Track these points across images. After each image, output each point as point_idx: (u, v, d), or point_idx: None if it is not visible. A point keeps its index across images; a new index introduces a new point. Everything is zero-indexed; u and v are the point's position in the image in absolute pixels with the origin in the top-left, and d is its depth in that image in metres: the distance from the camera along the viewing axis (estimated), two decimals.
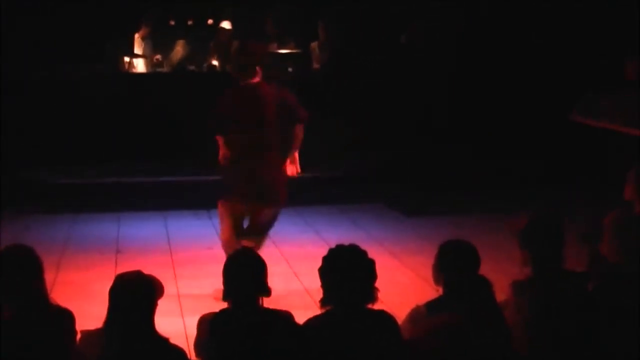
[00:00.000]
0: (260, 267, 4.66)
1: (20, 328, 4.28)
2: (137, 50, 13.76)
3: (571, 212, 7.94)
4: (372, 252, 4.61)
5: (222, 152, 7.49)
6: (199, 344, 4.64)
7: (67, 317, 4.47)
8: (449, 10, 11.71)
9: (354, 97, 11.94)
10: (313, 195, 10.94)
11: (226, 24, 13.84)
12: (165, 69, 13.86)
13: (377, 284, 4.53)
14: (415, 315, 4.70)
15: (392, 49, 12.25)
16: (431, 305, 4.69)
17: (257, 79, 7.34)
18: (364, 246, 4.59)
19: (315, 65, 13.54)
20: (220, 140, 7.52)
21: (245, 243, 7.08)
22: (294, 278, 7.88)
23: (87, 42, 12.47)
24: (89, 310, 4.98)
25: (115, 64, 13.12)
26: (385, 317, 4.52)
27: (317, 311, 4.57)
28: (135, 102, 11.99)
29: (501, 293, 4.94)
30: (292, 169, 7.59)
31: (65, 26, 12.36)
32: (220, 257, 6.68)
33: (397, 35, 12.34)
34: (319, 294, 4.55)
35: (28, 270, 4.41)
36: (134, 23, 13.48)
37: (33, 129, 11.39)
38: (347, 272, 4.43)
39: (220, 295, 4.61)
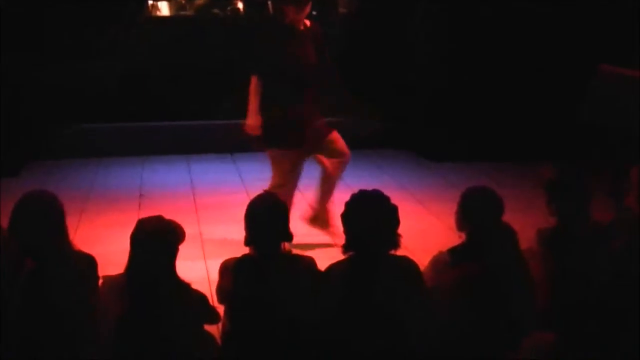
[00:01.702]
0: (282, 213, 4.64)
1: (43, 274, 4.28)
2: None
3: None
4: (397, 198, 4.58)
5: (257, 97, 7.02)
6: (221, 289, 4.62)
7: (89, 263, 4.48)
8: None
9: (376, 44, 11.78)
10: None
11: None
12: (188, 12, 13.79)
13: (401, 230, 4.50)
14: (438, 261, 4.67)
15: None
16: (454, 252, 4.67)
17: (303, 17, 6.98)
18: (388, 192, 4.55)
19: (342, 10, 13.41)
20: (257, 81, 7.04)
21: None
22: None
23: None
24: (112, 255, 4.96)
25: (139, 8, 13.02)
26: (407, 263, 4.51)
27: (339, 257, 4.55)
28: (159, 47, 11.90)
29: (525, 243, 4.91)
30: None
31: None
32: (244, 201, 6.64)
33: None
34: (341, 239, 4.53)
35: (50, 217, 4.40)
36: None
37: (55, 77, 11.31)
38: (369, 218, 4.40)
39: None
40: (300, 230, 7.37)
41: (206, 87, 11.39)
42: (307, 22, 7.14)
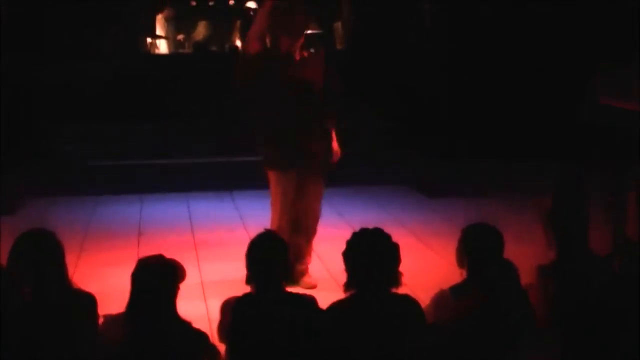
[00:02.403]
0: (283, 251, 4.64)
1: (41, 313, 4.27)
2: (160, 31, 13.78)
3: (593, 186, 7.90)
4: (396, 235, 4.58)
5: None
6: (222, 328, 4.61)
7: (89, 302, 4.46)
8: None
9: (371, 79, 11.81)
10: (335, 176, 10.89)
11: (251, 4, 13.84)
12: (187, 50, 13.87)
13: (401, 267, 4.50)
14: (440, 299, 4.66)
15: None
16: (456, 289, 4.66)
17: (299, 45, 7.00)
18: (387, 228, 4.55)
19: (339, 46, 13.49)
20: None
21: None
22: (316, 260, 7.83)
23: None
24: (111, 293, 4.96)
25: (134, 41, 13.11)
26: (409, 302, 4.50)
27: (340, 295, 4.54)
28: (157, 82, 11.95)
29: (524, 276, 4.90)
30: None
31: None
32: (244, 239, 6.64)
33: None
34: (342, 277, 4.52)
35: (48, 255, 4.39)
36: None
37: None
38: (371, 257, 4.40)
39: None
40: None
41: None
42: (313, 50, 7.20)
